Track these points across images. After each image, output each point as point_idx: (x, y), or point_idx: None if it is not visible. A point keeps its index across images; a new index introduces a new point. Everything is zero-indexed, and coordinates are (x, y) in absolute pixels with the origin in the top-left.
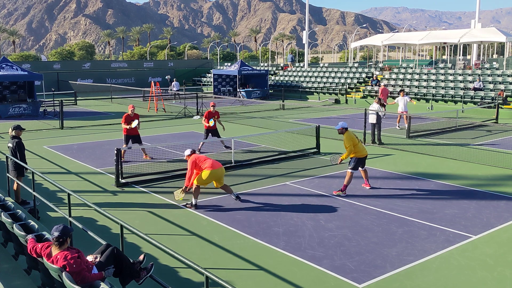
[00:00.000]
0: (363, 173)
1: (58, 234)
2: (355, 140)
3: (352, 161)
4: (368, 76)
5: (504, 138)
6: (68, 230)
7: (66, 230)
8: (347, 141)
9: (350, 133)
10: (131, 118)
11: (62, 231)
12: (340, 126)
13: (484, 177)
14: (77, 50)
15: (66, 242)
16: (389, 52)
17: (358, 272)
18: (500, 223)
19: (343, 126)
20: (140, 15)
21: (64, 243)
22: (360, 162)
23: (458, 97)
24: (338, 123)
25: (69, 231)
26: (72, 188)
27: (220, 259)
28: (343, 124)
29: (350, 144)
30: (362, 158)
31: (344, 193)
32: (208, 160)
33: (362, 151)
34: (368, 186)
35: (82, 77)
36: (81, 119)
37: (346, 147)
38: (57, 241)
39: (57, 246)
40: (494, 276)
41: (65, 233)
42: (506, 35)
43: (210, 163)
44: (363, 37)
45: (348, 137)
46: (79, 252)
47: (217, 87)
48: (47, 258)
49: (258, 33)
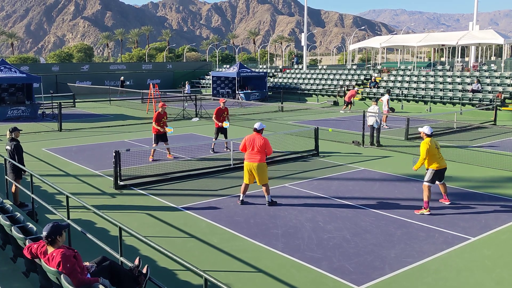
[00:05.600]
0: (441, 187)
1: (45, 233)
2: (433, 149)
3: (429, 172)
4: (366, 78)
5: (503, 140)
6: (58, 228)
7: (54, 228)
8: (423, 147)
9: (429, 141)
10: (161, 116)
11: (50, 230)
12: (261, 127)
13: (482, 179)
14: (75, 52)
15: (57, 240)
16: (387, 54)
17: (356, 274)
18: (498, 225)
19: (262, 127)
20: (138, 17)
21: (56, 241)
22: (437, 174)
23: (456, 99)
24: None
25: (58, 229)
26: (71, 190)
27: (219, 261)
28: (259, 126)
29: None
30: (441, 170)
31: (428, 211)
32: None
33: (441, 162)
34: (447, 201)
35: (81, 79)
36: (80, 121)
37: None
38: (46, 240)
39: (50, 245)
40: (492, 278)
41: (53, 232)
42: (504, 37)
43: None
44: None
45: (424, 144)
46: (76, 253)
47: (216, 89)
48: (43, 256)
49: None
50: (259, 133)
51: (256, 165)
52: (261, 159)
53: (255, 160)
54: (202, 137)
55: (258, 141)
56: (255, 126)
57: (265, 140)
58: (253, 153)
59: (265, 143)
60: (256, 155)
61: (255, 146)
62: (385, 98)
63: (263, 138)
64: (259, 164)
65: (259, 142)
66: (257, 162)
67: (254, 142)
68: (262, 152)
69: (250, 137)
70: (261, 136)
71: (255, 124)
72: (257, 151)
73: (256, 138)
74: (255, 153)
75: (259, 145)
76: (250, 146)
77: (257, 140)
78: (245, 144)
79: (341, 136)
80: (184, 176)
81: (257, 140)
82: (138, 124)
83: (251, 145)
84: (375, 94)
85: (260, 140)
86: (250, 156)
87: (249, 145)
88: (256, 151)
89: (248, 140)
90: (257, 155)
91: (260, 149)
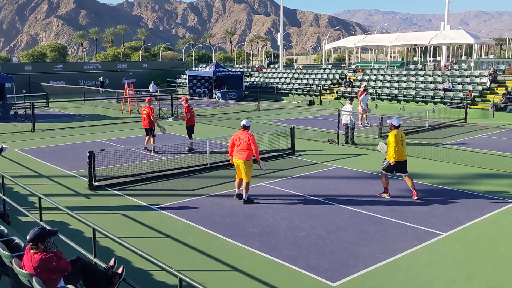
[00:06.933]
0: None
1: (28, 238)
2: (398, 141)
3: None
4: (341, 77)
5: (473, 138)
6: (42, 235)
7: (37, 235)
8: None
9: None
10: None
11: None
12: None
13: (453, 175)
14: (49, 52)
15: (39, 246)
16: (362, 54)
17: (332, 271)
18: (469, 220)
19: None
20: (113, 16)
21: (38, 247)
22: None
23: (429, 98)
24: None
25: (42, 236)
26: (44, 191)
27: (196, 261)
28: (247, 122)
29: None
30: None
31: (388, 195)
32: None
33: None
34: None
35: (54, 79)
36: (54, 121)
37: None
38: (29, 244)
39: (32, 250)
40: (463, 273)
41: (35, 239)
42: (474, 37)
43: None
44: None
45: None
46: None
47: (192, 89)
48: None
49: (233, 35)
50: (246, 130)
51: (242, 162)
52: (247, 156)
53: (241, 157)
54: (178, 136)
55: (245, 137)
56: (243, 123)
57: (252, 137)
58: (240, 150)
59: (251, 139)
60: (242, 151)
61: (242, 143)
62: (362, 97)
63: (249, 134)
64: (245, 162)
65: (246, 138)
66: (243, 159)
67: (241, 139)
68: (248, 149)
69: (237, 134)
70: (248, 133)
71: (242, 121)
72: (244, 148)
73: (243, 135)
74: (241, 150)
75: (246, 142)
76: (237, 143)
77: (244, 137)
78: (233, 141)
79: (316, 135)
80: (160, 176)
81: (244, 137)
82: (113, 124)
83: (239, 141)
84: (349, 93)
85: (247, 137)
86: (237, 152)
87: (236, 142)
88: (242, 147)
89: (235, 137)
90: (243, 152)
91: (246, 146)
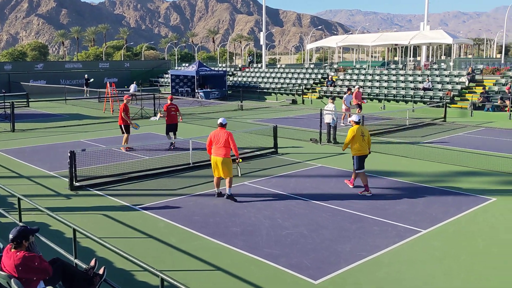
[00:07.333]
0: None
1: (12, 236)
2: (358, 136)
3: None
4: (323, 77)
5: (452, 136)
6: (24, 232)
7: (21, 232)
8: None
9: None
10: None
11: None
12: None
13: (432, 173)
14: (29, 51)
15: (23, 244)
16: (343, 53)
17: (313, 269)
18: (447, 218)
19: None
20: (95, 15)
21: (21, 245)
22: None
23: (409, 97)
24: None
25: (25, 233)
26: (24, 192)
27: (178, 261)
28: (223, 120)
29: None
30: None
31: (369, 193)
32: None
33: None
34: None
35: (35, 78)
36: (34, 121)
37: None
38: (12, 243)
39: (15, 248)
40: (442, 269)
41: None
42: (453, 37)
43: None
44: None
45: (351, 131)
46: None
47: (175, 88)
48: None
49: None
50: (223, 128)
51: (221, 159)
52: (226, 154)
53: (220, 155)
54: (160, 136)
55: (223, 135)
56: (220, 121)
57: (230, 134)
58: (219, 148)
59: (229, 137)
60: (221, 149)
61: (220, 141)
62: (345, 96)
63: (227, 132)
64: (224, 159)
65: (224, 136)
66: (222, 156)
67: (219, 137)
68: (227, 147)
69: (215, 132)
70: (226, 131)
71: (219, 119)
72: (222, 146)
73: (221, 133)
74: (220, 148)
75: (224, 139)
76: (216, 141)
77: (222, 135)
78: (210, 139)
79: (299, 134)
80: (142, 176)
81: (222, 135)
82: (95, 124)
83: (217, 139)
84: (332, 92)
85: (225, 134)
86: (215, 150)
87: (214, 140)
88: (221, 145)
89: (213, 135)
90: (222, 150)
91: (225, 144)
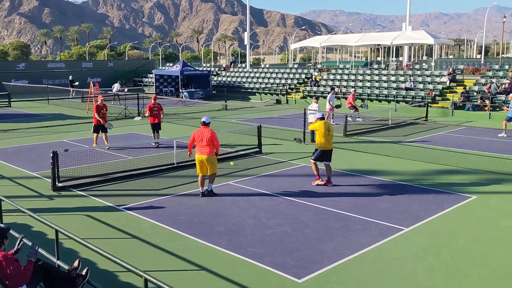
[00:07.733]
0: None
1: None
2: (323, 131)
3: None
4: (307, 77)
5: (433, 135)
6: (4, 231)
7: (2, 230)
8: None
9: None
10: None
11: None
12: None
13: (414, 172)
14: (11, 50)
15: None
16: (327, 53)
17: (298, 268)
18: (429, 216)
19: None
20: (78, 15)
21: (2, 244)
22: (323, 154)
23: (391, 97)
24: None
25: (3, 232)
26: (5, 193)
27: (162, 261)
28: (207, 119)
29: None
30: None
31: (321, 181)
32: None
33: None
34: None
35: (17, 78)
36: (16, 121)
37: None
38: None
39: None
40: (424, 266)
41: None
42: (434, 37)
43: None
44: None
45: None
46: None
47: (159, 88)
48: None
49: (200, 34)
50: (207, 126)
51: (206, 157)
52: (210, 152)
53: (204, 153)
54: (144, 136)
55: (207, 134)
56: (203, 120)
57: (213, 133)
58: (203, 146)
59: (212, 135)
60: (205, 147)
61: (203, 139)
62: (329, 96)
63: (210, 131)
64: (209, 157)
65: (207, 135)
66: (207, 154)
67: (202, 135)
68: (210, 145)
69: (199, 131)
70: (209, 129)
71: (202, 118)
72: (206, 144)
73: (204, 131)
74: (204, 146)
75: (208, 138)
76: (199, 139)
77: (206, 133)
78: (194, 138)
79: (283, 133)
80: (126, 176)
81: (206, 133)
82: (78, 124)
83: (200, 138)
84: (315, 92)
85: (208, 133)
86: (199, 149)
87: (198, 138)
88: (205, 144)
89: (196, 134)
90: (206, 148)
91: (208, 142)
